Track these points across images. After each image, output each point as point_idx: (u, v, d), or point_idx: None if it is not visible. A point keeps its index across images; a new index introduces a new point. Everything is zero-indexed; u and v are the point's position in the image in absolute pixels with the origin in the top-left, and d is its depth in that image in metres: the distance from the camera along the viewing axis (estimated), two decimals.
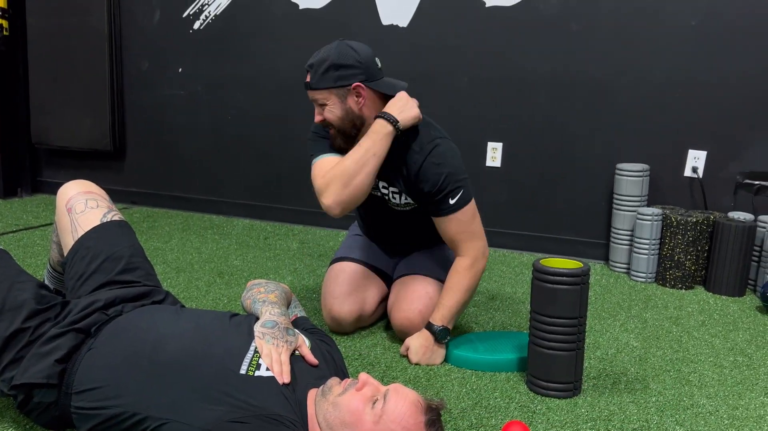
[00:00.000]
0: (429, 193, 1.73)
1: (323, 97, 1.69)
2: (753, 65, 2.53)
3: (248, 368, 1.23)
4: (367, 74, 1.70)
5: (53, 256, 1.76)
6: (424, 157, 1.71)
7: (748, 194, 2.61)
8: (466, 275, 1.77)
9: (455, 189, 1.72)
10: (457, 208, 1.73)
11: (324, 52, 1.70)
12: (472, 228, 1.76)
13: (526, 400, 1.57)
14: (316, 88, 1.69)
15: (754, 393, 1.65)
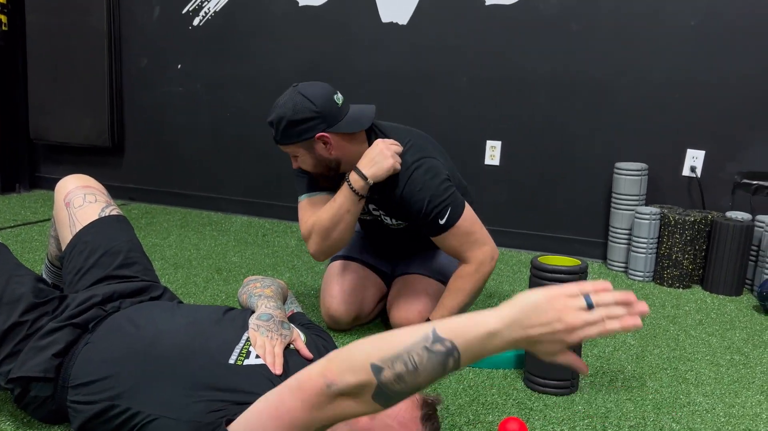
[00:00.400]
0: (417, 218, 1.71)
1: (292, 150, 1.70)
2: (752, 65, 2.54)
3: (237, 358, 1.22)
4: (328, 121, 1.65)
5: (51, 251, 1.76)
6: (403, 185, 1.68)
7: (746, 194, 2.62)
8: (469, 279, 1.73)
9: (442, 210, 1.68)
10: (449, 226, 1.69)
11: (280, 109, 1.67)
12: (472, 237, 1.72)
13: (523, 397, 1.57)
14: (282, 143, 1.70)
15: (751, 391, 1.65)
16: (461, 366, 0.89)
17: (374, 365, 0.88)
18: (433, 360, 0.87)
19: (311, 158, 1.70)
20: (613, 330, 0.85)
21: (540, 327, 0.85)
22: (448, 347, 0.87)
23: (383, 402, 0.90)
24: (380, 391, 0.89)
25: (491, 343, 0.86)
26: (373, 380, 0.88)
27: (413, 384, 0.88)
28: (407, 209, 1.71)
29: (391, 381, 0.88)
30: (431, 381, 0.89)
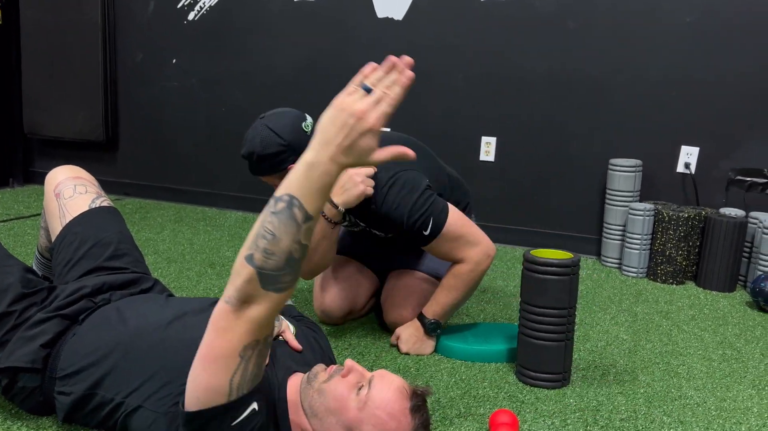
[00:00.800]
0: (401, 232, 1.69)
1: (270, 180, 1.69)
2: (748, 63, 2.54)
3: None
4: (297, 152, 1.59)
5: (41, 242, 1.75)
6: (380, 204, 1.66)
7: (739, 190, 2.62)
8: (464, 278, 1.70)
9: (423, 222, 1.64)
10: (434, 235, 1.65)
11: (249, 144, 1.65)
12: (462, 240, 1.68)
13: (514, 390, 1.57)
14: (258, 175, 1.70)
15: (742, 385, 1.65)
16: (312, 211, 0.93)
17: (246, 256, 0.93)
18: (282, 219, 0.92)
19: None
20: (398, 95, 0.91)
21: (340, 131, 0.89)
22: (286, 200, 0.92)
23: (274, 287, 0.94)
24: (262, 276, 0.92)
25: (316, 173, 0.91)
26: (251, 269, 0.92)
27: (281, 252, 0.92)
28: (388, 225, 1.69)
29: (263, 259, 0.92)
30: (296, 241, 0.93)
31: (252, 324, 0.96)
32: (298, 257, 0.95)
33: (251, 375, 1.01)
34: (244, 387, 1.01)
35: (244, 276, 0.93)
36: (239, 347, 0.97)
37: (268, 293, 0.94)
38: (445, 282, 1.75)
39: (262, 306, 0.95)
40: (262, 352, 1.01)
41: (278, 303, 0.96)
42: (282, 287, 0.95)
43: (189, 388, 1.02)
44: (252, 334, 0.97)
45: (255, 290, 0.93)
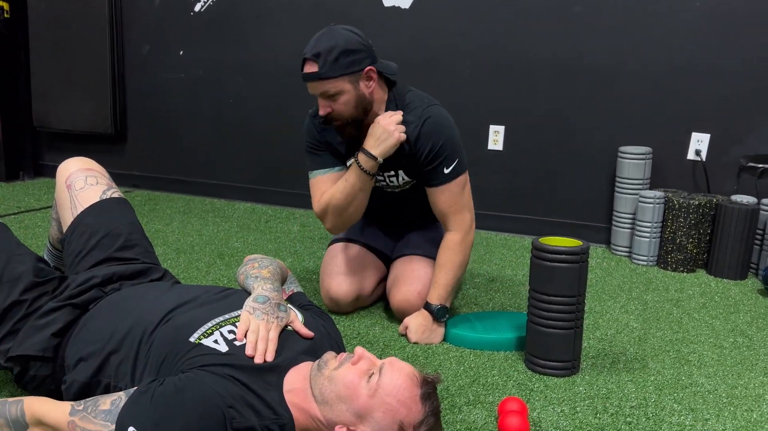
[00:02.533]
0: (425, 161, 1.73)
1: (334, 86, 1.63)
2: (758, 49, 2.51)
3: (200, 336, 1.20)
4: (372, 56, 1.68)
5: (53, 233, 1.76)
6: (420, 124, 1.71)
7: (751, 177, 2.60)
8: (457, 251, 1.77)
9: (450, 157, 1.73)
10: (450, 178, 1.74)
11: (328, 39, 1.62)
12: (463, 200, 1.77)
13: (524, 378, 1.57)
14: (328, 77, 1.61)
15: (754, 373, 1.64)
16: None
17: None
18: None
19: (354, 96, 1.65)
20: None
21: None
22: None
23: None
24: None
25: None
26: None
27: None
28: (421, 149, 1.72)
29: None
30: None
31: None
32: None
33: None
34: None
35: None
36: None
37: None
38: (440, 260, 1.78)
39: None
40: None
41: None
42: None
43: None
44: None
45: None
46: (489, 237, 2.92)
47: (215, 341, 1.20)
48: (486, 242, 2.83)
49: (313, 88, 1.65)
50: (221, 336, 1.21)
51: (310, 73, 1.62)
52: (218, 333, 1.22)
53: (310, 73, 1.62)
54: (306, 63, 1.63)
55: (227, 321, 1.26)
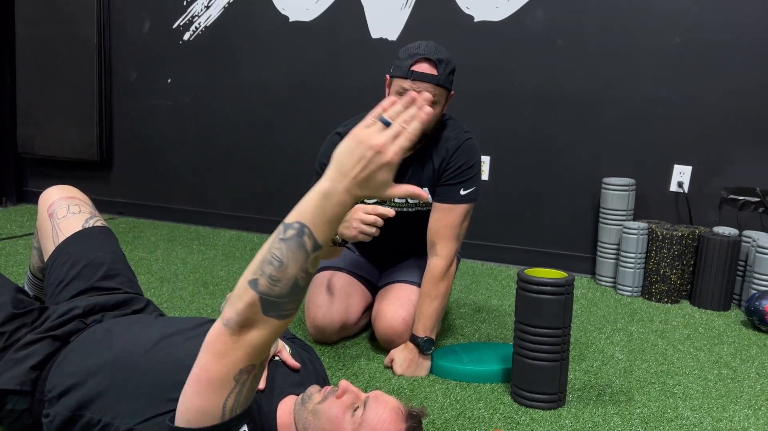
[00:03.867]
0: (450, 176, 1.77)
1: (440, 96, 1.67)
2: (736, 82, 2.57)
3: None
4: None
5: (34, 262, 1.73)
6: (461, 142, 1.79)
7: (732, 209, 2.63)
8: (442, 281, 1.77)
9: (471, 182, 1.78)
10: (462, 200, 1.78)
11: (443, 51, 1.67)
12: (459, 229, 1.79)
13: (510, 411, 1.56)
14: (443, 86, 1.66)
15: (739, 405, 1.64)
16: (322, 240, 0.91)
17: (250, 281, 0.91)
18: (291, 246, 0.90)
19: (440, 112, 1.73)
20: (416, 131, 0.90)
21: (357, 164, 0.89)
22: (297, 228, 0.90)
23: (276, 313, 0.92)
24: (265, 302, 0.90)
25: (330, 204, 0.89)
26: (254, 293, 0.90)
27: (287, 279, 0.90)
28: (454, 160, 1.76)
29: (268, 285, 0.90)
30: (303, 269, 0.91)
31: (250, 349, 0.94)
32: (303, 285, 0.93)
33: (244, 399, 1.00)
34: (236, 409, 1.00)
35: (246, 301, 0.91)
36: (235, 371, 0.95)
37: (269, 319, 0.92)
38: (424, 290, 1.78)
39: (262, 332, 0.93)
40: (257, 376, 0.99)
41: (278, 329, 0.94)
42: (284, 314, 0.93)
43: (180, 407, 1.00)
44: (249, 359, 0.95)
45: (256, 315, 0.91)
46: (475, 266, 2.92)
47: None
48: (472, 271, 2.84)
49: (423, 87, 1.63)
50: None
51: (430, 75, 1.63)
52: None
53: (430, 75, 1.63)
54: (423, 62, 1.63)
55: None
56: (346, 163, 0.89)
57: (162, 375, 1.17)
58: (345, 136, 1.81)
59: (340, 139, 1.79)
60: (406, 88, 1.63)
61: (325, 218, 0.90)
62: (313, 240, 0.91)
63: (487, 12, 2.88)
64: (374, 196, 0.92)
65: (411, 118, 0.91)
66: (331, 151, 1.79)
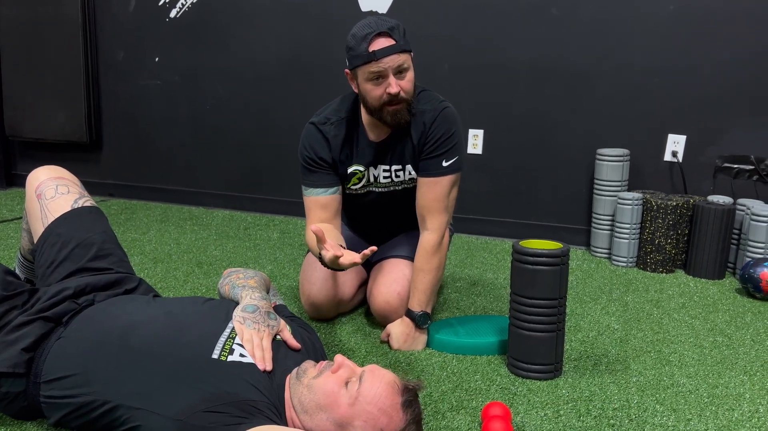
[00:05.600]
0: (430, 148, 1.73)
1: (407, 60, 1.64)
2: (730, 51, 2.54)
3: (221, 353, 1.20)
4: None
5: (24, 244, 1.72)
6: (438, 112, 1.73)
7: (727, 178, 2.63)
8: (435, 254, 1.76)
9: (452, 152, 1.73)
10: (446, 172, 1.74)
11: (385, 19, 1.62)
12: (447, 200, 1.77)
13: (506, 382, 1.56)
14: (405, 49, 1.61)
15: (734, 371, 1.65)
16: None
17: None
18: None
19: (413, 73, 1.67)
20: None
21: None
22: None
23: None
24: None
25: None
26: None
27: None
28: (432, 133, 1.72)
29: None
30: None
31: None
32: None
33: None
34: None
35: None
36: None
37: None
38: (418, 264, 1.77)
39: None
40: None
41: None
42: None
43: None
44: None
45: None
46: (470, 240, 2.92)
47: (241, 355, 1.21)
48: (467, 245, 2.83)
49: (391, 61, 1.59)
50: (241, 348, 1.23)
51: (391, 46, 1.58)
52: (236, 346, 1.22)
53: (391, 46, 1.58)
54: (378, 38, 1.58)
55: (232, 333, 1.26)
56: None
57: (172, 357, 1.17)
58: (319, 125, 1.78)
59: (315, 129, 1.79)
60: (375, 71, 1.59)
61: None
62: None
63: None
64: None
65: None
66: (310, 143, 1.79)
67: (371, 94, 1.64)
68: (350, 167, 1.81)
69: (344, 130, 1.78)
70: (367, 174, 1.82)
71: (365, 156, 1.80)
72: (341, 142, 1.78)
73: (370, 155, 1.80)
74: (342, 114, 1.79)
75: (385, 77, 1.61)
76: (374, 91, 1.63)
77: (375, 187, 1.86)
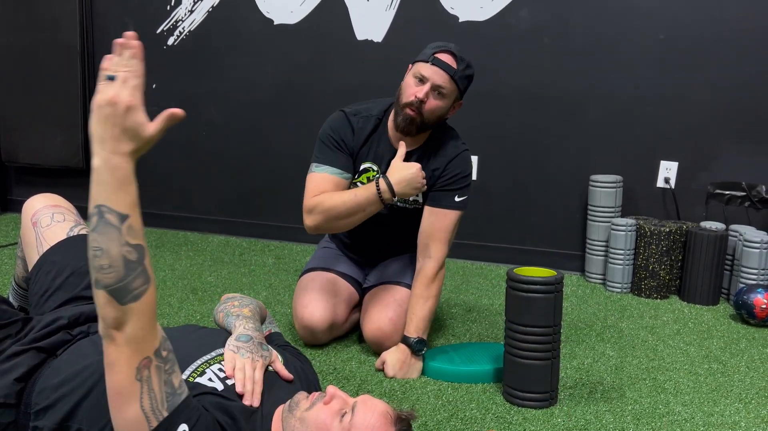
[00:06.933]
0: (446, 182, 1.82)
1: (450, 90, 1.75)
2: (719, 77, 2.58)
3: (191, 374, 1.18)
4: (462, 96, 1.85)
5: (18, 272, 1.71)
6: (459, 151, 1.87)
7: (719, 204, 2.65)
8: (434, 281, 1.79)
9: (464, 190, 1.85)
10: (456, 207, 1.84)
11: (466, 54, 1.77)
12: (450, 233, 1.84)
13: (502, 411, 1.55)
14: (456, 80, 1.74)
15: (729, 399, 1.65)
16: (124, 209, 0.97)
17: (93, 284, 0.95)
18: (100, 230, 0.94)
19: (445, 110, 1.80)
20: (138, 67, 0.99)
21: (105, 125, 0.94)
22: (95, 212, 0.95)
23: (129, 296, 0.94)
24: (114, 293, 0.93)
25: (107, 173, 0.96)
26: (101, 292, 0.93)
27: (116, 260, 0.93)
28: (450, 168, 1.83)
29: (104, 276, 0.93)
30: (123, 243, 0.95)
31: (133, 344, 0.95)
32: (136, 258, 0.96)
33: (162, 394, 0.99)
34: (160, 410, 0.99)
35: (101, 302, 0.94)
36: (132, 372, 0.96)
37: (129, 306, 0.94)
38: (416, 291, 1.78)
39: (134, 322, 0.95)
40: (159, 367, 0.99)
41: (145, 312, 0.96)
42: (138, 293, 0.95)
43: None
44: (137, 353, 0.96)
45: (116, 310, 0.93)
46: (465, 266, 2.92)
47: (210, 379, 1.17)
48: (462, 271, 2.83)
49: (438, 76, 1.72)
50: (214, 374, 1.19)
51: (449, 65, 1.72)
52: (210, 371, 1.20)
53: (449, 65, 1.72)
54: (447, 54, 1.73)
55: (214, 359, 1.23)
56: (98, 131, 0.94)
57: None
58: (349, 115, 1.85)
59: (344, 116, 1.86)
60: (423, 73, 1.72)
61: (113, 188, 0.96)
62: (114, 213, 0.95)
63: (472, 12, 2.88)
64: (141, 142, 0.97)
65: (128, 59, 0.99)
66: (336, 126, 1.86)
67: (407, 89, 1.76)
68: (365, 163, 1.86)
69: (371, 127, 1.86)
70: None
71: (382, 158, 1.86)
72: (365, 137, 1.85)
73: (386, 160, 1.84)
74: (373, 112, 1.88)
75: (424, 83, 1.71)
76: (410, 88, 1.75)
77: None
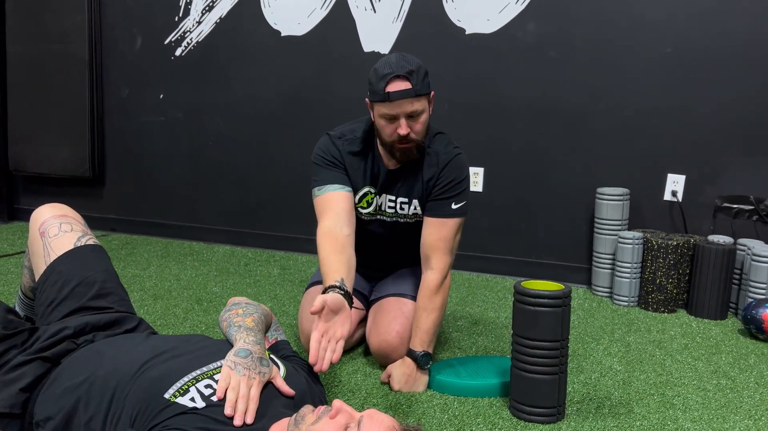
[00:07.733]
0: (441, 190, 1.78)
1: (422, 104, 1.66)
2: (727, 92, 2.58)
3: (174, 392, 1.16)
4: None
5: (25, 282, 1.71)
6: (451, 157, 1.79)
7: (727, 218, 2.63)
8: (438, 293, 1.77)
9: (461, 196, 1.79)
10: (454, 214, 1.79)
11: (409, 60, 1.65)
12: (452, 241, 1.80)
13: (509, 426, 1.54)
14: (421, 94, 1.64)
15: (738, 415, 1.63)
16: None
17: None
18: None
19: (428, 116, 1.72)
20: None
21: None
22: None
23: None
24: None
25: None
26: None
27: None
28: (444, 176, 1.77)
29: None
30: None
31: None
32: None
33: None
34: None
35: None
36: None
37: None
38: (421, 303, 1.77)
39: None
40: None
41: None
42: None
43: None
44: None
45: None
46: (471, 278, 2.91)
47: (191, 399, 1.14)
48: (468, 283, 2.82)
49: (403, 105, 1.63)
50: (198, 393, 1.16)
51: (406, 90, 1.61)
52: (194, 389, 1.17)
53: (406, 90, 1.61)
54: (395, 81, 1.61)
55: (204, 374, 1.21)
56: None
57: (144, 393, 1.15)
58: (333, 138, 1.82)
59: (330, 141, 1.83)
60: (389, 113, 1.65)
61: None
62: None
63: (479, 25, 2.89)
64: None
65: None
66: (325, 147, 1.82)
67: (383, 131, 1.71)
68: (362, 189, 1.84)
69: (358, 149, 1.82)
70: (376, 199, 1.85)
71: (376, 179, 1.84)
72: (354, 161, 1.82)
73: (380, 180, 1.83)
74: (357, 134, 1.83)
75: (397, 119, 1.65)
76: (386, 129, 1.70)
77: (380, 215, 1.88)
